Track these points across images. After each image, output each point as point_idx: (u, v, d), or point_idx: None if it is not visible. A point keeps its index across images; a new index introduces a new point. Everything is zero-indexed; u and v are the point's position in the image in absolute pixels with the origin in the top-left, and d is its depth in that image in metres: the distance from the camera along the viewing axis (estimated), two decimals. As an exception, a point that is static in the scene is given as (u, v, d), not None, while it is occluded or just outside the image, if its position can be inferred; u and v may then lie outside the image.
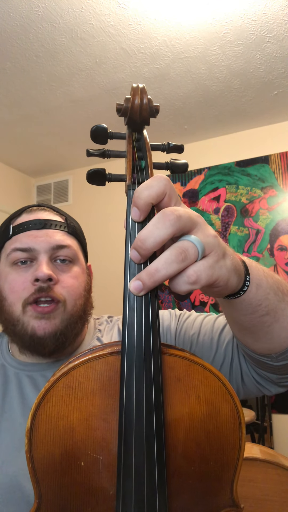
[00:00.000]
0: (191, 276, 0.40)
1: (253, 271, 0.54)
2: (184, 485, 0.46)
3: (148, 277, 0.40)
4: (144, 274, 0.41)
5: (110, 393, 0.45)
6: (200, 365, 0.46)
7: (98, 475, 0.45)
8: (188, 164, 0.57)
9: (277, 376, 0.68)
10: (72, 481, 0.45)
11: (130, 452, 0.42)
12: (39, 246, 0.76)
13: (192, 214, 0.43)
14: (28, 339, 0.74)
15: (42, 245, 0.77)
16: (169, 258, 0.40)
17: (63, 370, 0.46)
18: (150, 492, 0.43)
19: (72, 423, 0.45)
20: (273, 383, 0.71)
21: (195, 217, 0.44)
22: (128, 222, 0.46)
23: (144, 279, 0.41)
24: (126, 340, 0.43)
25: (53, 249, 0.77)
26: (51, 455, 0.45)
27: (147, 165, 0.52)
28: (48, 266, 0.75)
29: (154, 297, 0.44)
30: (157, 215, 0.41)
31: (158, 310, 0.44)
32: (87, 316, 0.84)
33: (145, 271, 0.41)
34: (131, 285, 0.42)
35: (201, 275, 0.41)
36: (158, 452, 0.43)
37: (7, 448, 0.72)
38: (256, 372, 0.71)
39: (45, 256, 0.76)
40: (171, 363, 0.45)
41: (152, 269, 0.40)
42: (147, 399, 0.43)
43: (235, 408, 0.46)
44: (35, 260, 0.77)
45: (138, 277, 0.41)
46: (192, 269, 0.41)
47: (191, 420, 0.45)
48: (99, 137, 0.54)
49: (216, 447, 0.46)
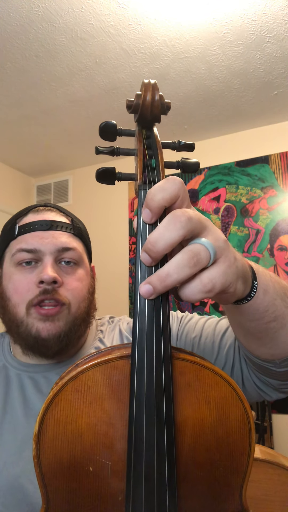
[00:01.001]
0: (207, 285, 0.39)
1: (261, 276, 0.53)
2: (193, 491, 0.46)
3: (159, 282, 0.39)
4: (155, 278, 0.40)
5: (120, 397, 0.45)
6: (211, 370, 0.45)
7: (107, 481, 0.45)
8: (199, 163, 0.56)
9: (278, 382, 0.67)
10: (80, 486, 0.45)
11: (140, 458, 0.42)
12: (45, 248, 0.76)
13: (201, 217, 0.43)
14: (32, 340, 0.74)
15: (48, 246, 0.76)
16: (181, 262, 0.39)
17: (71, 373, 0.45)
18: (160, 498, 0.43)
19: (80, 428, 0.44)
20: (274, 388, 0.70)
21: (204, 220, 0.43)
22: (139, 223, 0.44)
23: (155, 283, 0.40)
24: (137, 344, 0.43)
25: (58, 251, 0.77)
26: (59, 460, 0.45)
27: (158, 164, 0.50)
28: (53, 268, 0.75)
29: (166, 301, 0.43)
30: (167, 217, 0.40)
31: (169, 314, 0.43)
32: (90, 318, 0.83)
33: (155, 275, 0.40)
34: (141, 289, 0.41)
35: (216, 283, 0.40)
36: (168, 458, 0.42)
37: (9, 449, 0.72)
38: (257, 377, 0.71)
39: (50, 258, 0.76)
40: (182, 368, 0.45)
41: (163, 273, 0.39)
42: (158, 404, 0.42)
43: (245, 414, 0.45)
44: (40, 261, 0.76)
45: (148, 281, 0.40)
46: (207, 277, 0.40)
47: (201, 425, 0.45)
48: (108, 134, 0.53)
49: (226, 453, 0.45)
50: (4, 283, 0.79)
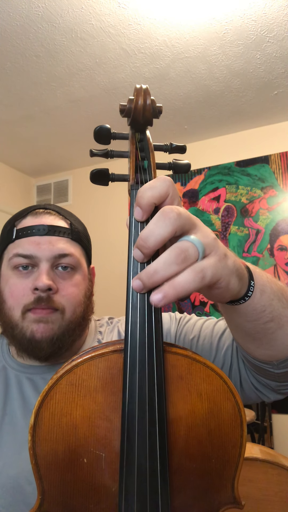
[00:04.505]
0: (198, 273, 0.40)
1: (257, 276, 0.53)
2: (186, 482, 0.47)
3: (147, 278, 0.40)
4: (143, 274, 0.41)
5: (113, 390, 0.45)
6: (202, 364, 0.46)
7: (101, 472, 0.46)
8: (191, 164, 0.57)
9: (276, 384, 0.68)
10: (75, 477, 0.46)
11: (133, 449, 0.43)
12: (41, 254, 0.76)
13: (190, 215, 0.44)
14: (26, 342, 0.74)
15: (45, 253, 0.76)
16: (169, 259, 0.40)
17: (66, 367, 0.46)
18: (153, 489, 0.43)
19: (75, 420, 0.45)
20: (272, 390, 0.70)
21: (194, 218, 0.44)
22: (131, 221, 0.46)
23: (144, 279, 0.41)
24: (129, 338, 0.44)
25: (55, 258, 0.77)
26: (54, 451, 0.45)
27: (150, 165, 0.52)
28: (49, 275, 0.75)
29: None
30: (157, 213, 0.41)
31: (160, 309, 0.44)
32: (87, 322, 0.84)
33: (144, 272, 0.41)
34: (133, 283, 0.42)
35: (207, 273, 0.41)
36: (160, 449, 0.43)
37: (8, 450, 0.72)
38: (255, 379, 0.71)
39: (46, 264, 0.76)
40: (174, 361, 0.46)
41: (151, 270, 0.40)
42: (150, 396, 0.43)
43: (236, 406, 0.46)
44: (36, 267, 0.77)
45: (138, 276, 0.41)
46: (198, 266, 0.40)
47: (193, 417, 0.46)
48: (103, 138, 0.55)
49: (218, 445, 0.46)
50: (2, 285, 0.79)
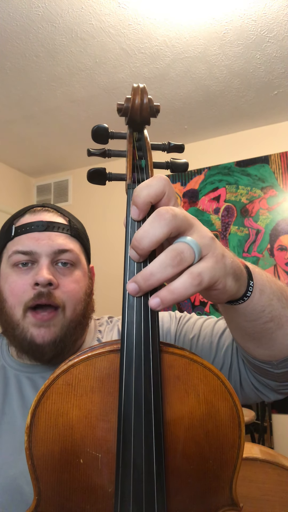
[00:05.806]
0: (196, 278, 0.39)
1: (256, 276, 0.53)
2: (183, 484, 0.46)
3: (143, 281, 0.40)
4: (139, 277, 0.40)
5: (110, 391, 0.45)
6: (200, 364, 0.46)
7: (97, 473, 0.45)
8: (188, 163, 0.57)
9: (276, 383, 0.67)
10: (71, 478, 0.45)
11: (129, 450, 0.42)
12: (41, 250, 0.76)
13: (187, 215, 0.43)
14: (26, 345, 0.74)
15: (44, 248, 0.76)
16: (164, 261, 0.39)
17: (62, 367, 0.46)
18: (149, 491, 0.43)
19: (71, 420, 0.45)
20: (272, 390, 0.70)
21: (191, 218, 0.43)
22: (128, 221, 0.46)
23: (140, 282, 0.40)
24: (126, 338, 0.43)
25: (54, 253, 0.77)
26: (51, 452, 0.45)
27: (147, 165, 0.52)
28: (49, 270, 0.75)
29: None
30: (152, 214, 0.40)
31: None
32: (87, 320, 0.83)
33: (140, 275, 0.40)
34: (128, 287, 0.41)
35: (204, 277, 0.40)
36: (157, 450, 0.43)
37: (7, 450, 0.72)
38: (255, 378, 0.71)
39: (46, 259, 0.76)
40: (171, 361, 0.45)
41: (147, 273, 0.39)
42: (146, 397, 0.43)
43: (234, 407, 0.46)
44: (36, 263, 0.76)
45: (134, 280, 0.41)
46: (194, 270, 0.40)
47: (190, 418, 0.45)
48: (100, 137, 0.54)
49: (215, 446, 0.46)
50: (1, 284, 0.79)
